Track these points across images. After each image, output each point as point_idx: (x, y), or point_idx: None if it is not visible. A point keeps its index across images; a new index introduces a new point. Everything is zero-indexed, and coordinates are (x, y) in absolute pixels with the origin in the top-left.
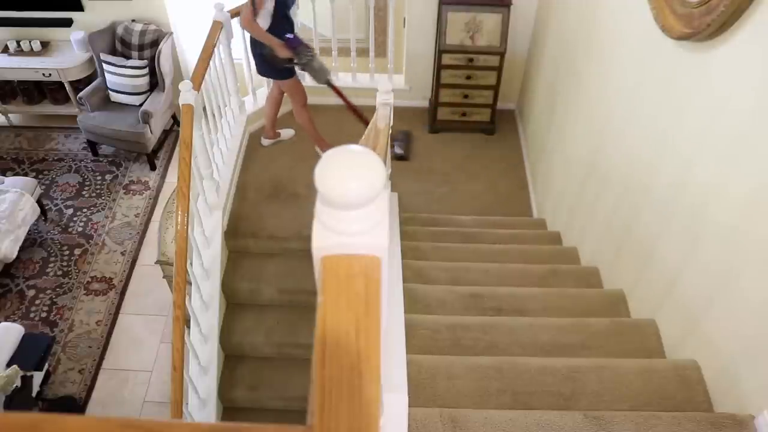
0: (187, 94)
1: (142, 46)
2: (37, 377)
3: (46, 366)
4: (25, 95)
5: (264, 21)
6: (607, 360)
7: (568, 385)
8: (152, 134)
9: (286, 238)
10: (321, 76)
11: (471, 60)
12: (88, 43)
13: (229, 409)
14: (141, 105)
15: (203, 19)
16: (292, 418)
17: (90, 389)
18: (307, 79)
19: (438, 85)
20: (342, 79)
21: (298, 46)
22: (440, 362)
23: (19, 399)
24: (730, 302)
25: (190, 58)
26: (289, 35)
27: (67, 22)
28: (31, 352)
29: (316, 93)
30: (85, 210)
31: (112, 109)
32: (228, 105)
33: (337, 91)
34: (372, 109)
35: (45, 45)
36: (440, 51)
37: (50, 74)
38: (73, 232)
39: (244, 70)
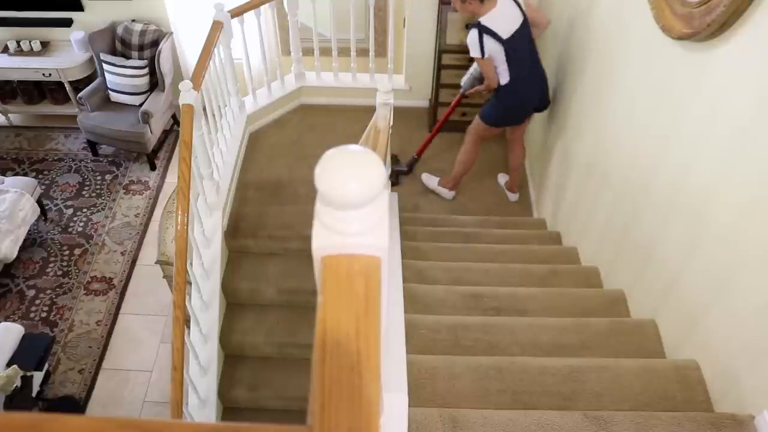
0: (187, 94)
1: (142, 46)
2: (37, 377)
3: (46, 366)
4: (25, 95)
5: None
6: (607, 360)
7: (568, 385)
8: (152, 134)
9: (286, 238)
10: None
11: (471, 60)
12: (88, 43)
13: (229, 409)
14: (141, 105)
15: (203, 19)
16: (292, 418)
17: (90, 389)
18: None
19: (438, 85)
20: (342, 79)
21: None
22: (440, 362)
23: (19, 399)
24: (730, 302)
25: (190, 58)
26: None
27: (67, 22)
28: (31, 352)
29: (316, 94)
30: (85, 210)
31: (112, 109)
32: (228, 105)
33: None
34: (372, 109)
35: (45, 45)
36: (440, 51)
37: (50, 74)
38: (73, 232)
39: (244, 70)
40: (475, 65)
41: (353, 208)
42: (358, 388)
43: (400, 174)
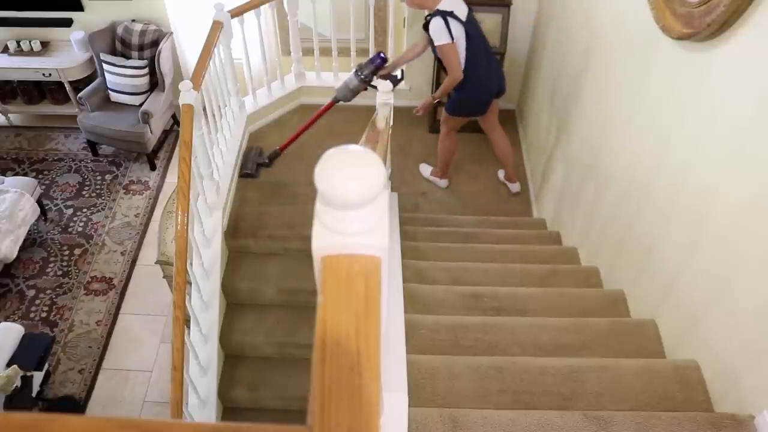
0: (187, 94)
1: (142, 46)
2: (37, 377)
3: (46, 366)
4: (25, 95)
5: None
6: (607, 360)
7: (568, 385)
8: (152, 134)
9: (286, 238)
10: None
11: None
12: (88, 43)
13: (229, 409)
14: (141, 105)
15: (203, 19)
16: (292, 418)
17: (90, 389)
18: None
19: (438, 85)
20: (342, 79)
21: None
22: (440, 362)
23: (19, 399)
24: (730, 302)
25: (190, 58)
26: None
27: (67, 22)
28: (31, 352)
29: (316, 94)
30: (85, 210)
31: (112, 109)
32: (228, 105)
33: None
34: (372, 109)
35: (45, 45)
36: None
37: (50, 74)
38: (73, 232)
39: (244, 70)
40: (350, 75)
41: (353, 208)
42: (358, 388)
43: (260, 166)
